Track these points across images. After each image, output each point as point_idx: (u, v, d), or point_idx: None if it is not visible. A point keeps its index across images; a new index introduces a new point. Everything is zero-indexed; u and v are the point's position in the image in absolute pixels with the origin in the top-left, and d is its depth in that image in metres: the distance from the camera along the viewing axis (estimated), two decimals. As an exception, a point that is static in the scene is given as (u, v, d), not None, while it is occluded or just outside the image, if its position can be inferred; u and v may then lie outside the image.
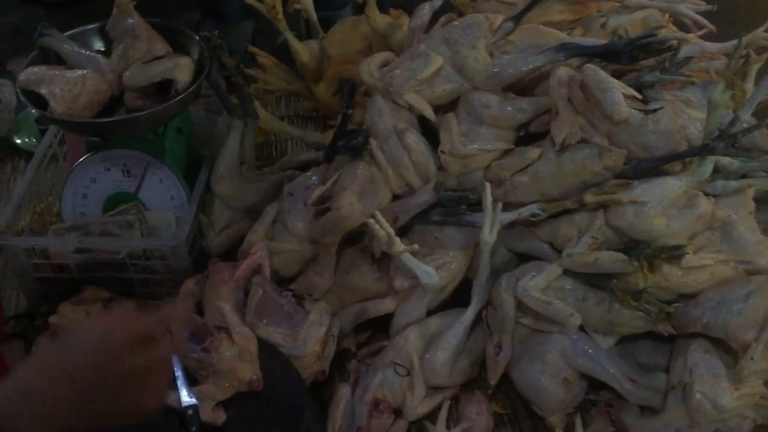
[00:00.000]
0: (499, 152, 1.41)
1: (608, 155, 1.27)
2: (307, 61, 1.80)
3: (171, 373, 0.81)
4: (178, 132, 1.63)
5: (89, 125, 1.45)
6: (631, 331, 1.29)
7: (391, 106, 1.47)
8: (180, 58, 1.50)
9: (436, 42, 1.44)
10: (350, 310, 1.48)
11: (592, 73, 1.28)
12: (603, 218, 1.28)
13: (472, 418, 1.34)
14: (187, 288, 1.49)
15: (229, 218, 1.63)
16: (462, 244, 1.42)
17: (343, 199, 1.42)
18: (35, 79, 1.44)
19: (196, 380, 1.21)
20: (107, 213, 1.57)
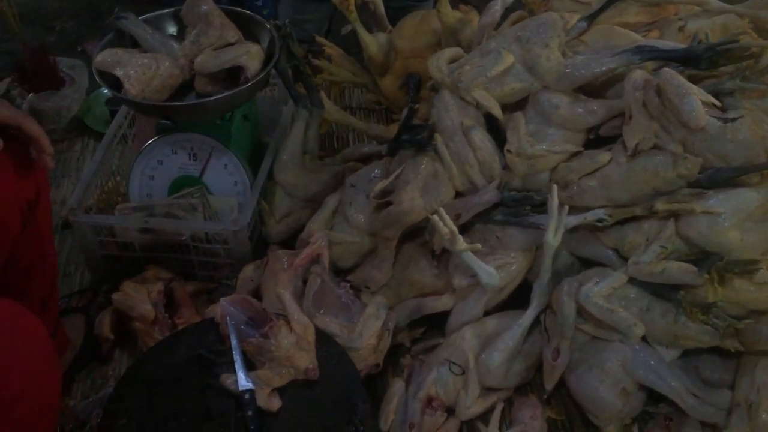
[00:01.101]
0: (567, 154, 1.39)
1: (683, 163, 1.23)
2: (374, 54, 1.80)
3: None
4: (244, 119, 1.64)
5: (160, 108, 1.48)
6: (696, 345, 1.26)
7: (458, 103, 1.45)
8: (251, 46, 1.51)
9: (508, 39, 1.42)
10: (407, 305, 1.47)
11: (669, 78, 1.25)
12: (673, 227, 1.25)
13: (525, 422, 1.32)
14: (246, 273, 1.51)
15: (290, 207, 1.64)
16: (524, 246, 1.40)
17: (405, 193, 1.41)
18: (111, 61, 1.47)
19: (254, 365, 1.22)
20: (172, 195, 1.60)
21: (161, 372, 1.27)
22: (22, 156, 1.15)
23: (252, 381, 1.19)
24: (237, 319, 1.28)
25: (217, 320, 1.30)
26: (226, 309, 1.29)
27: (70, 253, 1.74)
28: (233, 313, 1.29)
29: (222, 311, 1.28)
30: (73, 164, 1.97)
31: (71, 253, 1.73)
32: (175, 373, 1.26)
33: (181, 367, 1.27)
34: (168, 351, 1.31)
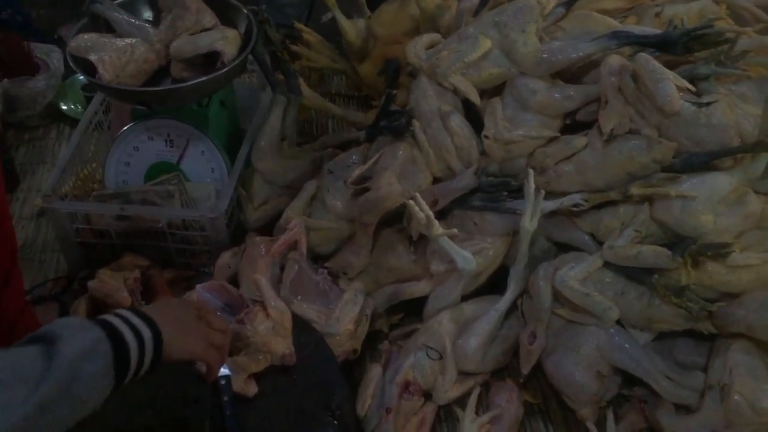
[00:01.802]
0: (544, 139, 1.39)
1: (657, 147, 1.24)
2: (353, 40, 1.79)
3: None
4: (221, 105, 1.63)
5: (135, 93, 1.47)
6: (671, 328, 1.27)
7: (436, 88, 1.45)
8: (227, 31, 1.50)
9: (486, 25, 1.42)
10: (384, 291, 1.47)
11: (644, 63, 1.25)
12: (648, 211, 1.26)
13: (501, 406, 1.33)
14: (223, 260, 1.50)
15: (268, 193, 1.63)
16: (501, 231, 1.40)
17: (383, 179, 1.41)
18: (85, 45, 1.45)
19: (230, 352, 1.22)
20: (149, 182, 1.59)
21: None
22: None
23: (228, 367, 1.19)
24: (213, 306, 1.28)
25: (194, 306, 1.29)
26: (202, 295, 1.28)
27: (45, 241, 1.72)
28: (209, 300, 1.28)
29: (198, 298, 1.27)
30: (48, 151, 1.94)
31: (46, 241, 1.72)
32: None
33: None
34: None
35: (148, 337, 0.91)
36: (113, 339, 0.86)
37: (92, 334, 0.85)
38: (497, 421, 1.32)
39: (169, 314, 0.98)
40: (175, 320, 0.98)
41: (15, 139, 1.97)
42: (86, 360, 0.82)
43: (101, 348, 0.84)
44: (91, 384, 0.82)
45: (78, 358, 0.81)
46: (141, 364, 0.90)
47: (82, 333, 0.84)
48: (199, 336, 1.02)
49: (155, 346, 0.92)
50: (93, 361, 0.83)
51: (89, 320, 0.88)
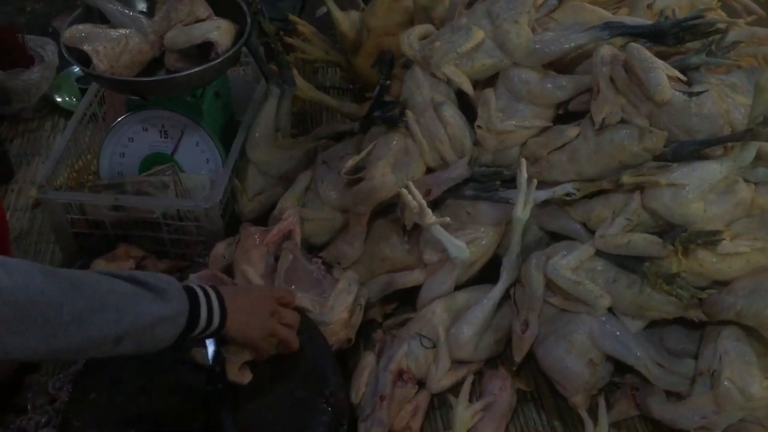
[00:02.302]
0: (537, 129, 1.40)
1: (648, 136, 1.25)
2: (346, 31, 1.80)
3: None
4: (216, 96, 1.64)
5: (130, 83, 1.47)
6: (661, 315, 1.28)
7: (429, 79, 1.46)
8: (221, 22, 1.51)
9: (479, 15, 1.43)
10: (378, 281, 1.48)
11: (636, 53, 1.26)
12: (639, 200, 1.27)
13: (494, 393, 1.34)
14: (218, 251, 1.51)
15: (263, 184, 1.64)
16: (494, 220, 1.41)
17: (376, 169, 1.42)
18: (79, 36, 1.45)
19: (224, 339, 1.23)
20: (143, 173, 1.59)
21: (132, 347, 1.26)
22: None
23: (222, 355, 1.19)
24: None
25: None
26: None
27: (40, 232, 1.73)
28: None
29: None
30: (43, 143, 1.95)
31: (42, 232, 1.72)
32: (146, 347, 1.26)
33: (152, 341, 1.26)
34: (139, 326, 1.30)
35: (215, 325, 1.07)
36: (191, 317, 1.02)
37: (181, 305, 1.01)
38: (490, 409, 1.33)
39: (244, 303, 1.12)
40: (247, 311, 1.12)
41: (9, 131, 1.97)
42: (167, 324, 0.99)
43: (180, 320, 1.01)
44: (155, 341, 0.99)
45: (165, 318, 0.98)
46: (196, 339, 1.07)
47: (177, 300, 1.00)
48: (263, 329, 1.15)
49: (217, 331, 1.08)
50: (170, 327, 1.00)
51: (183, 287, 1.03)
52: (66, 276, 0.90)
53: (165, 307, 0.98)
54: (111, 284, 0.94)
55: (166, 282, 1.01)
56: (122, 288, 0.95)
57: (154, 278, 1.00)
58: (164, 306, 0.98)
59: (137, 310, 0.95)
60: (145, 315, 0.95)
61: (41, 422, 1.27)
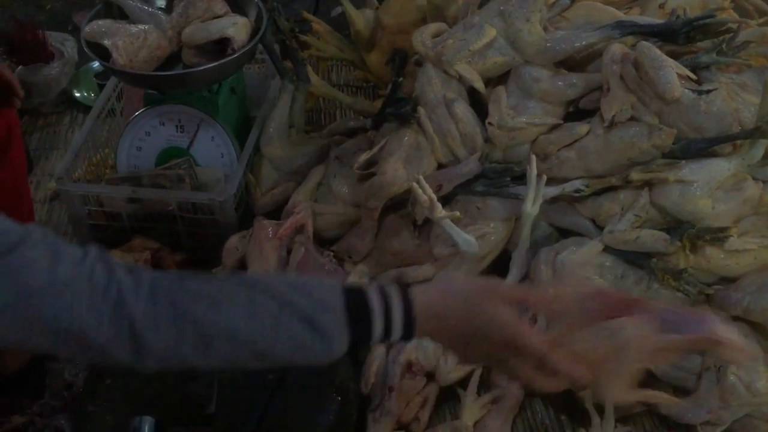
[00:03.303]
0: (547, 127, 1.42)
1: (657, 134, 1.27)
2: (361, 29, 1.82)
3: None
4: (231, 92, 1.67)
5: (147, 78, 1.50)
6: (669, 311, 1.29)
7: (441, 76, 1.48)
8: (238, 18, 1.54)
9: (491, 14, 1.44)
10: (389, 275, 1.50)
11: (646, 51, 1.28)
12: (648, 197, 1.28)
13: (502, 387, 1.35)
14: (231, 243, 1.54)
15: (276, 179, 1.66)
16: (504, 216, 1.43)
17: (388, 164, 1.44)
18: (99, 31, 1.49)
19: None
20: (160, 166, 1.62)
21: (147, 335, 1.29)
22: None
23: None
24: None
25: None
26: None
27: (58, 224, 1.76)
28: None
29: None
30: (61, 137, 1.98)
31: (59, 224, 1.75)
32: (160, 335, 1.28)
33: (166, 330, 1.29)
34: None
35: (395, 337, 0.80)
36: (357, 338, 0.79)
37: (343, 344, 0.78)
38: (498, 402, 1.34)
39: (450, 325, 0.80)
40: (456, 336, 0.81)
41: (29, 125, 2.01)
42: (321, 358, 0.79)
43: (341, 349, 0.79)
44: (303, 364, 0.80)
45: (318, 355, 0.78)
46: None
47: (339, 342, 0.78)
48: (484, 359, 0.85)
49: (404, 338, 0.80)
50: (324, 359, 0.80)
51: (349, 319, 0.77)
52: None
53: (323, 349, 0.78)
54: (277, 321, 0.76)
55: (329, 318, 0.77)
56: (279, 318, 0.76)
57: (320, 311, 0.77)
58: (323, 347, 0.78)
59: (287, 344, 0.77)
60: (295, 350, 0.77)
61: (57, 407, 1.29)
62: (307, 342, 0.77)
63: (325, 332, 0.77)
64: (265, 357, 0.77)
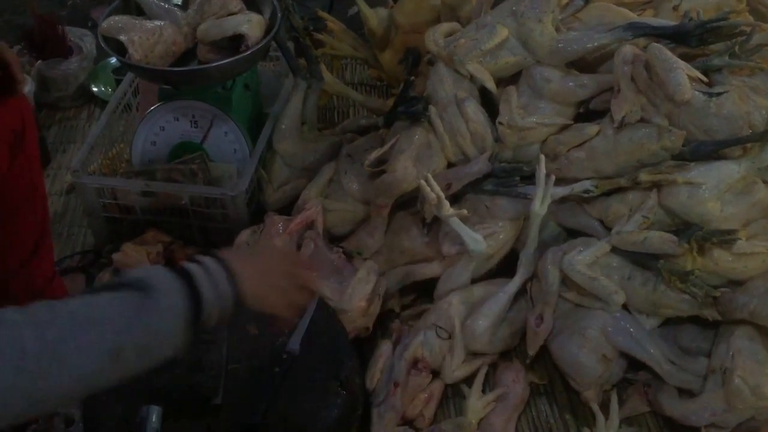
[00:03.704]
0: (557, 127, 1.42)
1: (667, 135, 1.27)
2: (375, 27, 1.83)
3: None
4: (245, 88, 1.68)
5: (162, 73, 1.52)
6: (675, 313, 1.29)
7: (453, 75, 1.49)
8: (252, 15, 1.55)
9: (503, 14, 1.45)
10: (397, 272, 1.51)
11: (657, 52, 1.28)
12: (656, 198, 1.28)
13: (507, 385, 1.36)
14: (242, 238, 1.55)
15: (288, 175, 1.68)
16: (512, 215, 1.43)
17: (398, 162, 1.45)
18: (116, 27, 1.51)
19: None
20: (173, 161, 1.64)
21: (157, 326, 1.31)
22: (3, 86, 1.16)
23: None
24: None
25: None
26: None
27: (73, 216, 1.79)
28: None
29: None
30: (79, 131, 2.01)
31: (74, 216, 1.78)
32: (169, 327, 1.30)
33: (175, 322, 1.31)
34: (164, 307, 1.35)
35: (227, 296, 0.87)
36: (194, 298, 0.84)
37: (179, 295, 0.82)
38: (502, 400, 1.35)
39: (257, 267, 0.95)
40: (261, 274, 0.94)
41: (47, 118, 2.04)
42: (165, 317, 0.81)
43: (180, 306, 0.82)
44: (163, 340, 0.82)
45: (163, 313, 0.81)
46: (218, 317, 0.88)
47: (174, 293, 0.82)
48: (282, 295, 0.98)
49: (236, 303, 0.89)
50: (171, 319, 0.82)
51: (176, 275, 0.84)
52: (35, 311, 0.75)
53: (153, 302, 0.80)
54: (85, 302, 0.79)
55: (150, 273, 0.83)
56: (97, 302, 0.79)
57: (135, 274, 0.83)
58: (152, 301, 0.80)
59: (121, 317, 0.78)
60: (132, 318, 0.78)
61: (68, 395, 1.31)
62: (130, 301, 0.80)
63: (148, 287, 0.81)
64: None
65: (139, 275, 0.83)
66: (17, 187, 1.24)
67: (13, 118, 1.19)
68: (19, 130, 1.20)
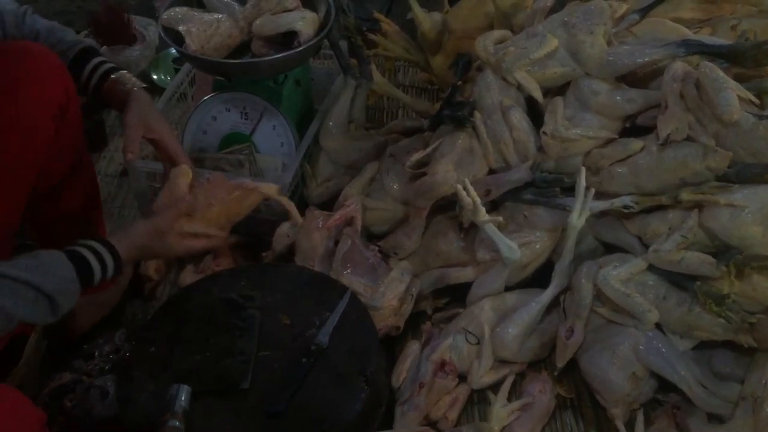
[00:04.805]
0: (602, 140, 1.41)
1: (712, 156, 1.25)
2: (427, 31, 1.85)
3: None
4: (296, 84, 1.72)
5: (217, 64, 1.57)
6: (709, 337, 1.27)
7: (500, 83, 1.49)
8: (307, 13, 1.59)
9: (555, 24, 1.45)
10: (431, 274, 1.52)
11: (708, 71, 1.26)
12: (697, 218, 1.26)
13: (533, 395, 1.36)
14: (282, 230, 1.59)
15: (332, 172, 1.70)
16: (549, 226, 1.43)
17: (440, 165, 1.46)
18: (176, 18, 1.56)
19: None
20: (222, 150, 1.69)
21: (194, 309, 1.36)
22: (48, 60, 1.21)
23: None
24: None
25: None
26: None
27: (125, 199, 1.85)
28: None
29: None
30: (136, 116, 2.07)
31: (126, 198, 1.85)
32: (206, 311, 1.35)
33: (212, 306, 1.35)
34: (203, 291, 1.40)
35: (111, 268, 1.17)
36: (84, 276, 1.13)
37: (72, 280, 1.11)
38: (527, 410, 1.35)
39: (137, 243, 1.21)
40: (142, 248, 1.22)
41: (107, 103, 2.11)
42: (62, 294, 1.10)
43: (74, 287, 1.12)
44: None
45: (57, 291, 1.08)
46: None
47: (67, 282, 1.11)
48: (171, 252, 1.25)
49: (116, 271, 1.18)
50: (66, 297, 1.11)
51: (70, 260, 1.12)
52: None
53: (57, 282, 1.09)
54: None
55: (48, 260, 1.11)
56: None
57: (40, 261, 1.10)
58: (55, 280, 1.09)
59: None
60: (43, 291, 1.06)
61: (105, 369, 1.37)
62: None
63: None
64: None
65: (38, 259, 1.10)
66: (63, 159, 1.29)
67: (58, 93, 1.24)
68: (64, 104, 1.25)
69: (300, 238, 1.54)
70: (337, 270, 1.46)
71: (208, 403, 1.20)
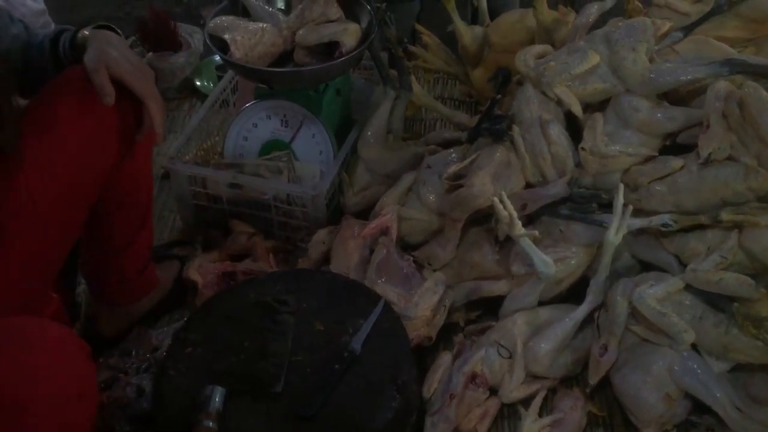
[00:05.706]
0: (641, 158, 1.40)
1: (754, 176, 1.24)
2: (468, 44, 1.86)
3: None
4: (336, 93, 1.74)
5: (259, 72, 1.60)
6: (746, 359, 1.25)
7: (539, 97, 1.49)
8: (349, 24, 1.61)
9: (596, 40, 1.45)
10: (465, 286, 1.52)
11: (752, 91, 1.25)
12: (737, 239, 1.25)
13: (565, 412, 1.35)
14: (319, 237, 1.61)
15: (369, 181, 1.72)
16: (586, 242, 1.43)
17: (477, 177, 1.47)
18: (222, 26, 1.60)
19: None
20: (262, 156, 1.72)
21: (230, 312, 1.38)
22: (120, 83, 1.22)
23: None
24: None
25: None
26: None
27: (165, 201, 1.89)
28: None
29: None
30: (179, 122, 2.12)
31: (167, 201, 1.88)
32: (241, 314, 1.37)
33: (247, 309, 1.38)
34: (239, 295, 1.42)
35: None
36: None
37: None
38: (558, 426, 1.34)
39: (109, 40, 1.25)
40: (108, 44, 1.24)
41: (152, 107, 2.16)
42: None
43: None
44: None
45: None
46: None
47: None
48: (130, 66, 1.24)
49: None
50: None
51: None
52: None
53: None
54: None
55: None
56: None
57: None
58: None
59: None
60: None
61: (141, 368, 1.40)
62: None
63: None
64: None
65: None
66: (123, 181, 1.31)
67: (128, 116, 1.26)
68: (134, 125, 1.27)
69: (336, 246, 1.56)
70: (372, 278, 1.47)
71: (241, 405, 1.22)
